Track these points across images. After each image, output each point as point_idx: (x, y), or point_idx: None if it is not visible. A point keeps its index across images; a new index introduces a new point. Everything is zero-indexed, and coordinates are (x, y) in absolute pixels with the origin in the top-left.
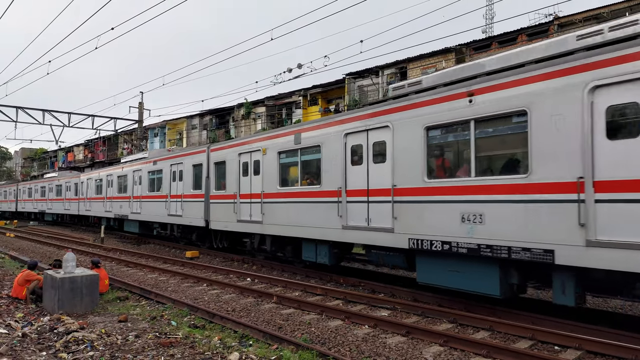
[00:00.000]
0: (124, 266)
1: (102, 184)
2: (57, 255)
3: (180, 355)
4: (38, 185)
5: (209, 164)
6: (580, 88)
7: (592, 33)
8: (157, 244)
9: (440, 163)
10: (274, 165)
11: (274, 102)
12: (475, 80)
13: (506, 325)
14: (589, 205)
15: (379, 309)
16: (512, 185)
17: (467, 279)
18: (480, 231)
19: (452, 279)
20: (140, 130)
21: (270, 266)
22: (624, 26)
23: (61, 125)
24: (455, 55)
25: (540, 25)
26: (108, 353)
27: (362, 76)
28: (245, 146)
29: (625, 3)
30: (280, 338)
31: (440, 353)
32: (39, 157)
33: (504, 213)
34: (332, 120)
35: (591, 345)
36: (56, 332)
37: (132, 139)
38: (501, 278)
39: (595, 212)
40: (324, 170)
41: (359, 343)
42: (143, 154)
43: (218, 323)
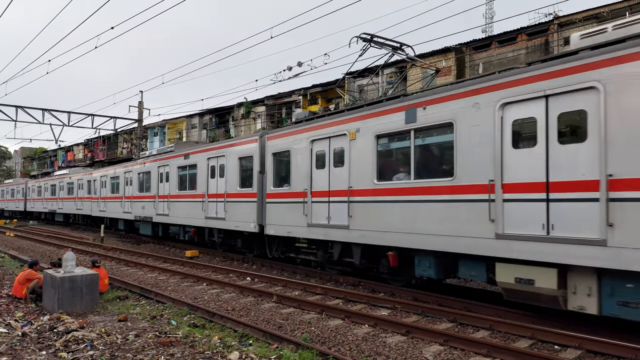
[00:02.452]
0: (123, 265)
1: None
2: (57, 254)
3: (180, 355)
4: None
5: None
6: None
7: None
8: (156, 243)
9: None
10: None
11: (273, 101)
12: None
13: (506, 324)
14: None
15: (379, 308)
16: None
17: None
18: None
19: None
20: (140, 130)
21: (270, 265)
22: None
23: (61, 124)
24: (455, 54)
25: (540, 24)
26: (108, 352)
27: (362, 75)
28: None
29: (625, 2)
30: (280, 337)
31: (440, 352)
32: (38, 157)
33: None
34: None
35: (591, 345)
36: (56, 332)
37: (131, 138)
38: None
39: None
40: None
41: (359, 342)
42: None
43: (218, 322)
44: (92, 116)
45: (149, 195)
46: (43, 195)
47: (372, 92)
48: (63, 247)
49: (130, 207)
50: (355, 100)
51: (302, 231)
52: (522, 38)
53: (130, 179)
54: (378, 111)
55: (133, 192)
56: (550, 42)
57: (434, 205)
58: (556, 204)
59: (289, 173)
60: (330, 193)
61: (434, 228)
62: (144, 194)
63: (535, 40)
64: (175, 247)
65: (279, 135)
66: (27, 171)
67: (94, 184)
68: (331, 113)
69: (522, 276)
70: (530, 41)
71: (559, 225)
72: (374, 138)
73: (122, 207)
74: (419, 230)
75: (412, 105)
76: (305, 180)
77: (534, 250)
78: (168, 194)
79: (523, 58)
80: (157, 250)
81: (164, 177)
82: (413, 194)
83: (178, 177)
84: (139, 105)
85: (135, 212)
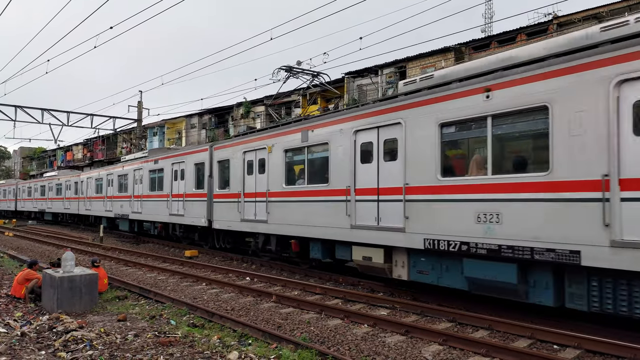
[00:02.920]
0: (123, 265)
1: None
2: (57, 254)
3: (179, 354)
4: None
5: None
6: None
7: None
8: (156, 243)
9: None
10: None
11: (273, 101)
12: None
13: (505, 324)
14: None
15: (378, 308)
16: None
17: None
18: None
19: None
20: (139, 130)
21: (270, 265)
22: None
23: (60, 124)
24: (454, 54)
25: (539, 24)
26: (107, 352)
27: (361, 75)
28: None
29: (624, 2)
30: (279, 337)
31: (439, 352)
32: (37, 156)
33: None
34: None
35: (590, 344)
36: (55, 331)
37: (131, 138)
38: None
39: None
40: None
41: (358, 342)
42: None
43: (217, 322)
44: (92, 116)
45: (126, 195)
46: (33, 196)
47: (371, 92)
48: (62, 247)
49: (111, 206)
50: (356, 100)
51: (238, 225)
52: (521, 38)
53: (112, 181)
54: (286, 131)
55: (114, 193)
56: None
57: (318, 204)
58: (382, 203)
59: (229, 178)
60: (257, 194)
61: (318, 221)
62: (123, 194)
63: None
64: (175, 247)
65: (222, 147)
66: (26, 171)
67: (80, 185)
68: (259, 130)
69: (366, 255)
70: (530, 41)
71: (385, 218)
72: (283, 152)
73: (104, 206)
74: (311, 224)
75: (306, 128)
76: (240, 184)
77: (370, 236)
78: (141, 194)
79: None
80: (157, 250)
81: (139, 179)
82: (307, 195)
83: (149, 180)
84: (138, 105)
85: (115, 210)
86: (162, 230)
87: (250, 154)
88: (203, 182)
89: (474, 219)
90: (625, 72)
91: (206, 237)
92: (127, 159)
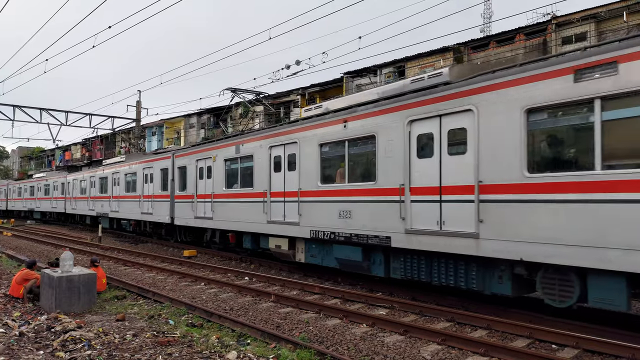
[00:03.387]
0: (121, 265)
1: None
2: (55, 254)
3: (178, 354)
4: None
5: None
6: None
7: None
8: (154, 243)
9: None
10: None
11: (271, 100)
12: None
13: (504, 323)
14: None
15: (377, 307)
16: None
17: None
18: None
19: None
20: (137, 129)
21: (268, 265)
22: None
23: (58, 123)
24: (453, 54)
25: (538, 24)
26: (106, 352)
27: (360, 75)
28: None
29: (622, 2)
30: (278, 337)
31: (438, 351)
32: (36, 156)
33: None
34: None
35: (589, 344)
36: (53, 331)
37: (129, 138)
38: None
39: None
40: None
41: (357, 342)
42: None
43: (216, 322)
44: (90, 115)
45: (106, 196)
46: (23, 196)
47: None
48: (61, 247)
49: (93, 206)
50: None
51: (193, 221)
52: (520, 38)
53: (94, 182)
54: (225, 144)
55: (96, 193)
56: (548, 41)
57: (247, 204)
58: (287, 203)
59: (186, 181)
60: (205, 196)
61: (247, 218)
62: (104, 195)
63: (533, 40)
64: (173, 247)
65: (181, 155)
66: (25, 170)
67: (67, 186)
68: (206, 142)
69: (277, 244)
70: (529, 41)
71: (287, 215)
72: (223, 161)
73: (87, 206)
74: (242, 220)
75: (238, 142)
76: (193, 187)
77: (280, 230)
78: (119, 194)
79: (521, 57)
80: (155, 250)
81: (117, 182)
82: (239, 197)
83: (125, 182)
84: (136, 104)
85: (97, 209)
86: (135, 226)
87: (201, 162)
88: (167, 185)
89: (337, 215)
90: (413, 115)
91: (172, 233)
92: (107, 163)
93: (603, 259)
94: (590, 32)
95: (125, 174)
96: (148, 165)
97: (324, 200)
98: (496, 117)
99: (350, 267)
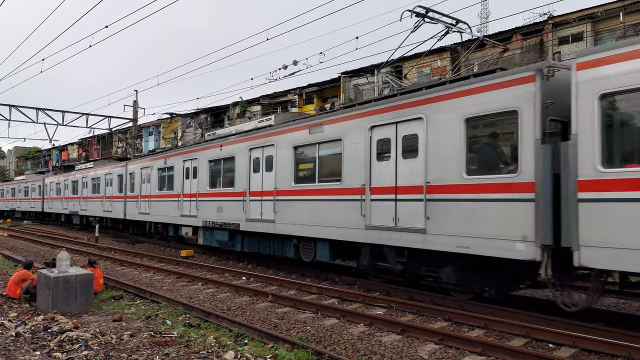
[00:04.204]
0: (118, 265)
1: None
2: (52, 254)
3: (175, 354)
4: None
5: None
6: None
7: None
8: (151, 243)
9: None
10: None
11: (269, 100)
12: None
13: (501, 323)
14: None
15: (375, 307)
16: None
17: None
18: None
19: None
20: (134, 129)
21: (266, 265)
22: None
23: (55, 123)
24: (450, 54)
25: (534, 24)
26: (102, 352)
27: (357, 75)
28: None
29: (619, 3)
30: (275, 337)
31: (435, 351)
32: (32, 156)
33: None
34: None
35: (585, 343)
36: (50, 332)
37: (126, 138)
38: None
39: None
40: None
41: (355, 341)
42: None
43: (213, 322)
44: (87, 115)
45: (77, 196)
46: (5, 197)
47: (367, 91)
48: (57, 247)
49: (67, 205)
50: (351, 100)
51: (138, 217)
52: (517, 38)
53: (67, 185)
54: (159, 157)
55: (69, 194)
56: (545, 41)
57: (169, 203)
58: (191, 202)
59: (134, 185)
60: (143, 196)
61: (169, 213)
62: (75, 196)
63: (530, 40)
64: (171, 247)
65: (132, 163)
66: (21, 170)
67: (44, 187)
68: (152, 154)
69: (186, 231)
70: (525, 41)
71: (191, 211)
72: (157, 170)
73: (62, 205)
74: (166, 215)
75: (167, 156)
76: (139, 189)
77: (187, 221)
78: (87, 196)
79: (518, 58)
80: (152, 250)
81: (85, 185)
82: (164, 197)
83: (92, 185)
84: (133, 104)
85: (69, 208)
86: (99, 222)
87: (144, 170)
88: (122, 188)
89: (215, 210)
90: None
91: (127, 227)
92: (78, 168)
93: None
94: (586, 32)
95: (92, 179)
96: (109, 172)
97: (209, 200)
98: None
99: (224, 245)
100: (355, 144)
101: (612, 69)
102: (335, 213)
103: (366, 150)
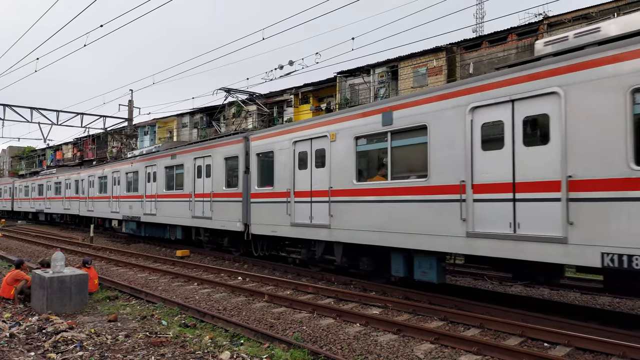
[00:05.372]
0: (113, 265)
1: (43, 188)
2: (46, 254)
3: (170, 355)
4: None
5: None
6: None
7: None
8: (147, 243)
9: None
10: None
11: (265, 100)
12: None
13: (496, 322)
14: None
15: (371, 307)
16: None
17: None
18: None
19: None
20: (129, 129)
21: (262, 265)
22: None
23: (49, 123)
24: (445, 54)
25: (530, 24)
26: (97, 353)
27: (353, 75)
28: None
29: (613, 3)
30: (271, 337)
31: (431, 350)
32: (27, 156)
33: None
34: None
35: (580, 342)
36: (45, 332)
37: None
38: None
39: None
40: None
41: (351, 341)
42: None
43: (209, 322)
44: (82, 115)
45: (42, 197)
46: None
47: (363, 90)
48: (52, 247)
49: (34, 204)
50: (348, 100)
51: (109, 215)
52: (512, 38)
53: (34, 187)
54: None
55: (35, 195)
56: None
57: (105, 203)
58: (119, 202)
59: (106, 187)
60: (113, 197)
61: (105, 210)
62: (58, 196)
63: (525, 40)
64: (166, 247)
65: (84, 172)
66: (15, 170)
67: (14, 190)
68: (105, 163)
69: (114, 223)
70: (521, 41)
71: (116, 208)
72: (125, 174)
73: (30, 205)
74: (104, 211)
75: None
76: (110, 191)
77: (115, 216)
78: (51, 196)
79: (513, 58)
80: (148, 250)
81: (49, 187)
82: (127, 198)
83: (55, 188)
84: (128, 104)
85: (36, 207)
86: (61, 218)
87: (115, 173)
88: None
89: (128, 207)
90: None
91: (104, 223)
92: (43, 173)
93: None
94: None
95: (54, 182)
96: (67, 177)
97: (125, 200)
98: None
99: (131, 230)
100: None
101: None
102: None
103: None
